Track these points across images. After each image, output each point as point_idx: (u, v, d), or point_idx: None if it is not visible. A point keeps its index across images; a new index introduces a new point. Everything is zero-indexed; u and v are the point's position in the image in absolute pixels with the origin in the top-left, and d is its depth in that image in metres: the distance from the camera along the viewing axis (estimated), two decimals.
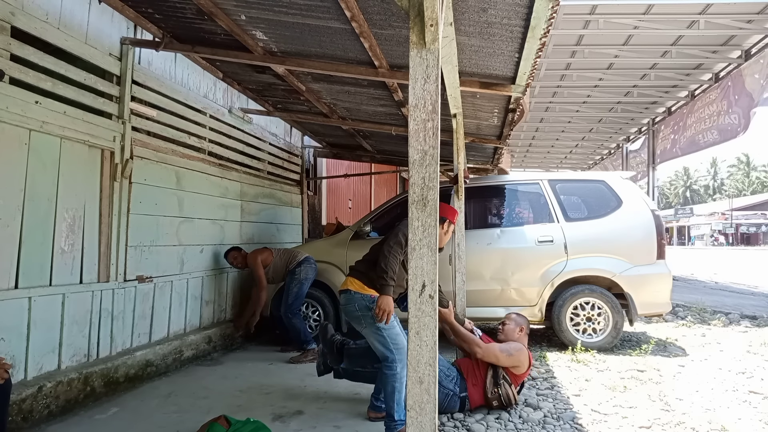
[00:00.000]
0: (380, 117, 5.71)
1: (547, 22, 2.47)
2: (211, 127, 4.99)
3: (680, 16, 8.20)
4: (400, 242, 2.81)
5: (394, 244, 2.79)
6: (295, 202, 7.34)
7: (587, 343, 4.92)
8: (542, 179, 5.47)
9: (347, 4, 2.82)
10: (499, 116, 4.70)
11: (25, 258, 2.96)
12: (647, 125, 14.06)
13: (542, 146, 17.75)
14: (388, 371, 2.84)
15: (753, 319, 6.86)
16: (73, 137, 3.31)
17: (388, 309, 2.69)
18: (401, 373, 2.82)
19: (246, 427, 2.56)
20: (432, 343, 1.38)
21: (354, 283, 2.96)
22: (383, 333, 2.83)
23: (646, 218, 5.07)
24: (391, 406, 2.82)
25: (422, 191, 1.39)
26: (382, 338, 2.85)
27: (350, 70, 3.93)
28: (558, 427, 3.09)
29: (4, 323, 2.82)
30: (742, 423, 3.15)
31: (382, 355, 2.87)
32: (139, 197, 3.93)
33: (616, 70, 10.46)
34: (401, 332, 2.92)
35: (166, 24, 3.80)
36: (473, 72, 3.54)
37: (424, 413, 1.36)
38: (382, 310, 2.68)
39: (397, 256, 2.79)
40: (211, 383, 3.88)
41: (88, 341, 3.46)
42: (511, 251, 5.16)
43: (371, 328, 2.86)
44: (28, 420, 2.85)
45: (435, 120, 1.40)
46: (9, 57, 2.85)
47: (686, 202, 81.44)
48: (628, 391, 3.74)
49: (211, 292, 5.02)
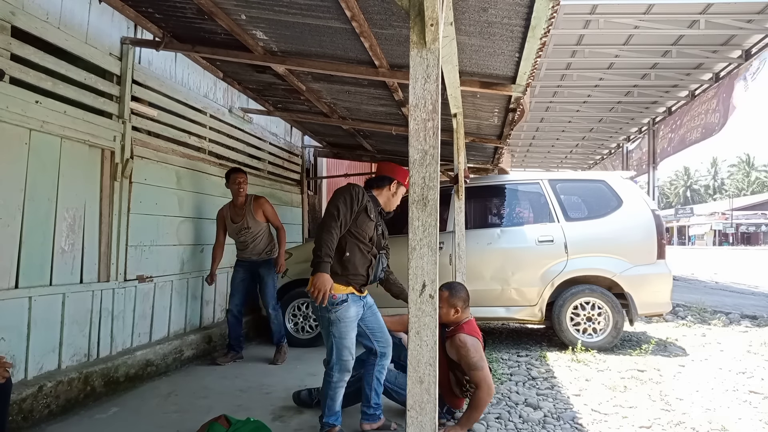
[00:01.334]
0: (380, 117, 5.71)
1: (548, 21, 2.47)
2: (212, 126, 4.99)
3: (681, 16, 8.20)
4: (332, 214, 2.58)
5: (326, 217, 2.60)
6: (295, 202, 7.34)
7: (587, 343, 4.91)
8: (542, 179, 5.47)
9: (347, 4, 2.82)
10: (500, 116, 4.70)
11: (26, 258, 2.96)
12: (647, 125, 14.06)
13: (542, 146, 17.75)
14: (326, 377, 2.72)
15: (753, 318, 6.86)
16: (74, 137, 3.31)
17: (323, 288, 2.48)
18: (337, 383, 2.71)
19: (246, 426, 2.56)
20: (432, 343, 1.38)
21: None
22: (333, 341, 2.68)
23: (647, 218, 5.07)
24: (323, 406, 2.75)
25: (422, 191, 1.39)
26: (332, 344, 2.69)
27: (350, 69, 3.93)
28: (558, 426, 3.09)
29: (5, 323, 2.82)
30: (743, 423, 3.15)
31: (328, 357, 2.73)
32: (139, 197, 3.93)
33: (617, 69, 10.46)
34: (351, 347, 2.71)
35: (167, 24, 3.80)
36: (473, 72, 3.54)
37: (424, 413, 1.36)
38: (316, 288, 2.48)
39: (332, 231, 2.55)
40: (211, 383, 3.88)
41: (89, 341, 3.46)
42: (511, 251, 5.16)
43: (325, 330, 2.72)
44: (29, 419, 2.85)
45: (435, 119, 1.40)
46: (9, 57, 2.85)
47: (686, 202, 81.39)
48: (628, 391, 3.74)
49: (211, 291, 5.01)
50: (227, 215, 4.51)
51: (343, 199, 2.64)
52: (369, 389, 2.89)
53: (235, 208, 4.50)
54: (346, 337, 2.68)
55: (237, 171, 4.53)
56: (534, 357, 4.80)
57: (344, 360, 2.69)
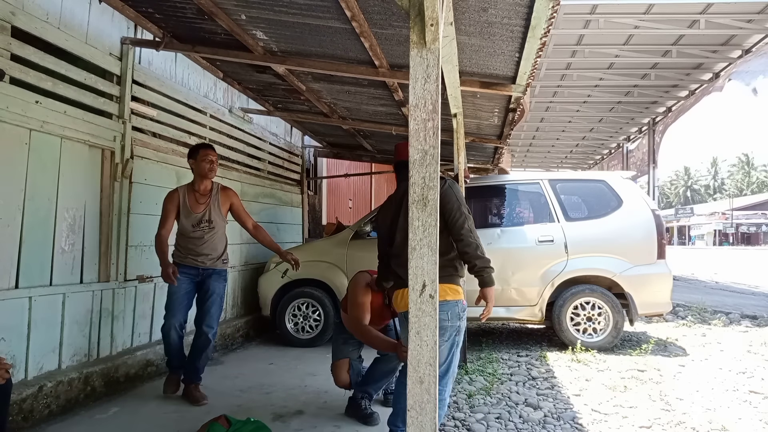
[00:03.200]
0: (380, 117, 5.71)
1: (548, 21, 2.47)
2: (212, 126, 4.99)
3: (681, 16, 8.20)
4: (466, 214, 2.36)
5: (465, 218, 2.34)
6: (295, 202, 7.34)
7: (587, 343, 4.92)
8: (542, 179, 5.47)
9: (347, 4, 2.82)
10: (500, 116, 4.69)
11: (26, 258, 2.96)
12: (647, 125, 14.06)
13: (543, 146, 17.76)
14: (440, 395, 2.32)
15: (753, 318, 6.86)
16: (74, 137, 3.31)
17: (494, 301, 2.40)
18: (444, 394, 2.41)
19: (246, 426, 2.56)
20: (432, 343, 1.38)
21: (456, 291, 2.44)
22: (454, 350, 2.41)
23: (647, 218, 5.07)
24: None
25: (422, 191, 1.39)
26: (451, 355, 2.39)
27: (351, 69, 3.93)
28: (558, 426, 3.09)
29: (5, 323, 2.82)
30: (743, 423, 3.15)
31: (442, 370, 2.35)
32: (139, 197, 3.93)
33: (617, 69, 10.47)
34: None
35: (167, 24, 3.80)
36: (474, 72, 3.54)
37: (424, 413, 1.36)
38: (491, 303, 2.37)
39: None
40: (211, 383, 3.87)
41: (89, 341, 3.46)
42: (511, 251, 5.16)
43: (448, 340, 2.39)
44: (29, 420, 2.85)
45: (435, 120, 1.40)
46: (9, 57, 2.85)
47: (687, 202, 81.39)
48: (628, 391, 3.74)
49: None
50: (184, 201, 3.51)
51: (459, 194, 2.43)
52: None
53: (196, 194, 3.54)
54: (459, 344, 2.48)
55: (207, 146, 3.63)
56: (534, 357, 4.80)
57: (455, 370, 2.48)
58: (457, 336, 2.43)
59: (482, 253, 2.38)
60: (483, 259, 2.37)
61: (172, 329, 3.44)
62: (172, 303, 3.46)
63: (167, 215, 3.49)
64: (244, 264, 5.67)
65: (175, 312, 3.44)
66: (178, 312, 3.45)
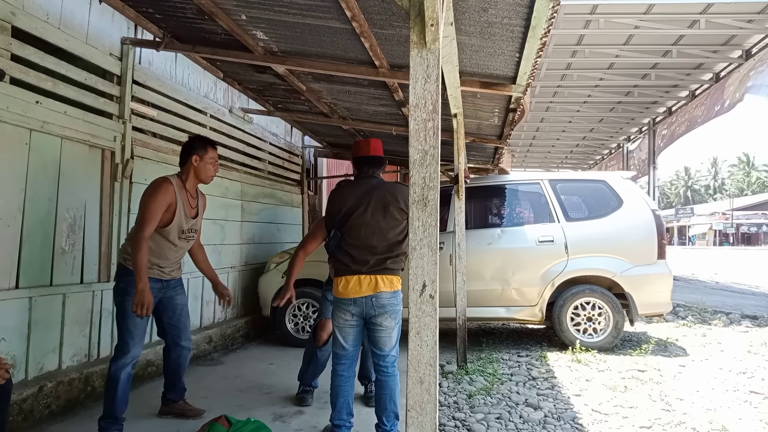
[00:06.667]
0: (381, 117, 5.71)
1: (548, 21, 2.47)
2: (212, 127, 4.99)
3: (681, 16, 8.20)
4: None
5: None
6: (295, 202, 7.34)
7: (588, 343, 4.91)
8: (543, 179, 5.47)
9: (348, 4, 2.82)
10: (500, 116, 4.69)
11: (26, 258, 2.96)
12: (647, 125, 14.06)
13: (543, 146, 17.75)
14: (395, 371, 2.64)
15: (754, 319, 6.86)
16: (74, 137, 3.31)
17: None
18: (397, 372, 2.67)
19: (246, 426, 2.56)
20: (432, 343, 1.38)
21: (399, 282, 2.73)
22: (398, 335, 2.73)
23: (647, 218, 5.07)
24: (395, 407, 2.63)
25: (423, 191, 1.39)
26: (398, 338, 2.71)
27: (351, 69, 3.93)
28: (558, 426, 3.09)
29: (5, 323, 2.82)
30: (743, 423, 3.15)
31: (394, 350, 2.64)
32: (139, 197, 3.92)
33: (617, 69, 10.46)
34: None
35: (167, 24, 3.80)
36: (474, 72, 3.54)
37: (424, 413, 1.36)
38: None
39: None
40: (211, 383, 3.88)
41: (89, 341, 3.46)
42: (511, 251, 5.16)
43: (397, 326, 2.69)
44: (29, 420, 2.85)
45: (435, 120, 1.40)
46: (10, 57, 2.85)
47: (687, 202, 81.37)
48: (628, 391, 3.74)
49: (211, 292, 4.99)
50: (181, 202, 2.91)
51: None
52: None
53: (188, 195, 2.98)
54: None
55: (215, 146, 3.06)
56: (534, 357, 4.79)
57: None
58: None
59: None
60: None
61: (129, 367, 2.75)
62: (136, 330, 2.73)
63: (156, 210, 2.74)
64: (244, 264, 5.67)
65: (138, 341, 2.76)
66: (140, 343, 2.80)
